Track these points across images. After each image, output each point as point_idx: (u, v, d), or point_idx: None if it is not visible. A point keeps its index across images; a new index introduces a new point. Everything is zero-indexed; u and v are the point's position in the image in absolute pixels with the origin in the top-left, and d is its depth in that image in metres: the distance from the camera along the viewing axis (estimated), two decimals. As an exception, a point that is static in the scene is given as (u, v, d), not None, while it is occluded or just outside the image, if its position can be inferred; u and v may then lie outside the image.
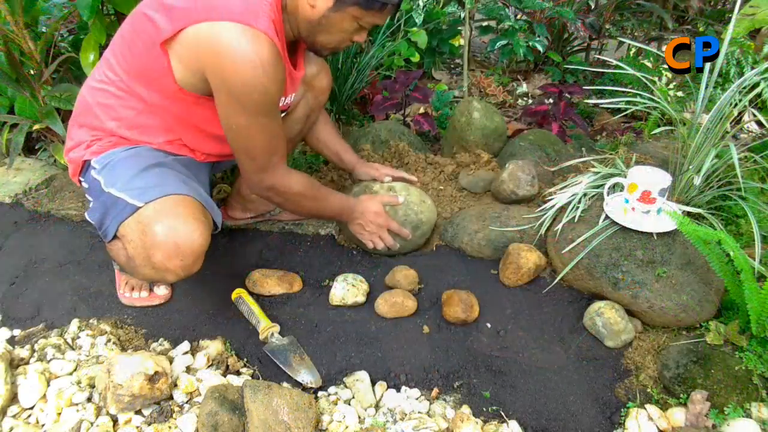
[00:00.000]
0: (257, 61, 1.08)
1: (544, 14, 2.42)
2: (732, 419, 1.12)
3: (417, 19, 2.23)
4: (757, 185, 1.50)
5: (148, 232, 1.13)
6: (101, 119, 1.26)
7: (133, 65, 1.20)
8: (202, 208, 1.22)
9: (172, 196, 1.17)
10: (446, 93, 2.37)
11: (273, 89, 1.14)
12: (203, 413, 1.08)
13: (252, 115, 1.17)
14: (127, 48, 1.20)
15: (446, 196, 1.81)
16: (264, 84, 1.11)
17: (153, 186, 1.18)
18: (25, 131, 1.86)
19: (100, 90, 1.26)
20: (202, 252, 1.18)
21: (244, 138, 1.21)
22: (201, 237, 1.16)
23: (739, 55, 1.80)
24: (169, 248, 1.13)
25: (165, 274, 1.17)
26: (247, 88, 1.11)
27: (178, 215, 1.14)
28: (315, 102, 1.55)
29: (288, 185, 1.33)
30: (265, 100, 1.15)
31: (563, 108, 2.09)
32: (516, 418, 1.18)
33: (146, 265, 1.17)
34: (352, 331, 1.38)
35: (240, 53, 1.07)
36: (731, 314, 1.35)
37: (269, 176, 1.30)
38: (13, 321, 1.40)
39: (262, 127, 1.20)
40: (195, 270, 1.20)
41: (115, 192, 1.19)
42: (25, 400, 1.17)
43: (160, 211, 1.15)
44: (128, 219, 1.17)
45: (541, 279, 1.53)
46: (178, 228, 1.13)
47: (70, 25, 2.45)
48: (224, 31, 1.07)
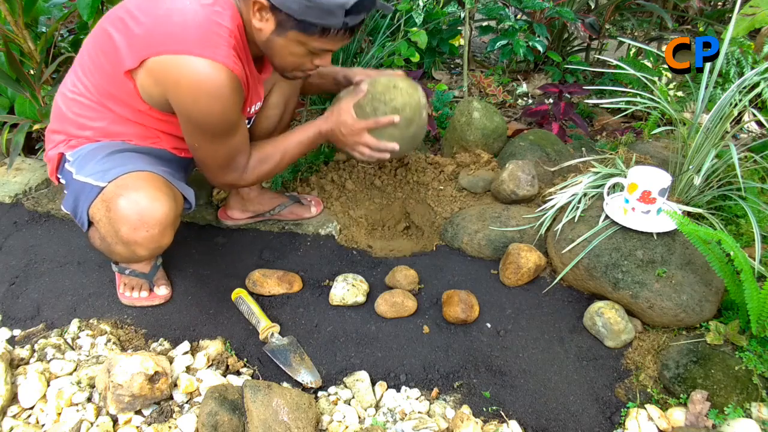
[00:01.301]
0: (214, 93, 1.11)
1: (544, 14, 2.42)
2: (732, 419, 1.12)
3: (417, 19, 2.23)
4: (757, 185, 1.50)
5: (112, 208, 1.16)
6: (76, 127, 1.28)
7: (101, 84, 1.21)
8: (165, 182, 1.23)
9: (134, 173, 1.19)
10: (446, 93, 2.37)
11: (231, 113, 1.18)
12: (203, 413, 1.08)
13: (212, 138, 1.21)
14: (95, 66, 1.21)
15: (446, 196, 1.81)
16: (222, 111, 1.15)
17: (116, 166, 1.20)
18: (25, 131, 1.85)
19: (72, 100, 1.27)
20: (168, 223, 1.19)
21: (204, 153, 1.26)
22: (164, 206, 1.17)
23: (739, 55, 1.80)
24: (133, 220, 1.15)
25: (135, 248, 1.19)
26: (205, 117, 1.15)
27: (138, 188, 1.16)
28: (289, 86, 1.51)
29: (246, 180, 1.34)
30: (223, 123, 1.18)
31: (563, 108, 2.09)
32: (516, 418, 1.18)
33: (116, 241, 1.19)
34: (352, 331, 1.38)
35: (199, 87, 1.10)
36: (731, 314, 1.35)
37: (228, 177, 1.32)
38: (13, 321, 1.40)
39: (220, 144, 1.24)
40: (165, 242, 1.21)
41: (81, 178, 1.22)
42: (25, 400, 1.17)
43: (122, 185, 1.17)
44: (95, 201, 1.19)
45: (541, 279, 1.53)
46: (140, 200, 1.15)
47: (70, 25, 2.45)
48: (183, 65, 1.09)
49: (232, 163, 1.30)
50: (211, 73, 1.09)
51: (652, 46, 2.74)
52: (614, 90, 2.19)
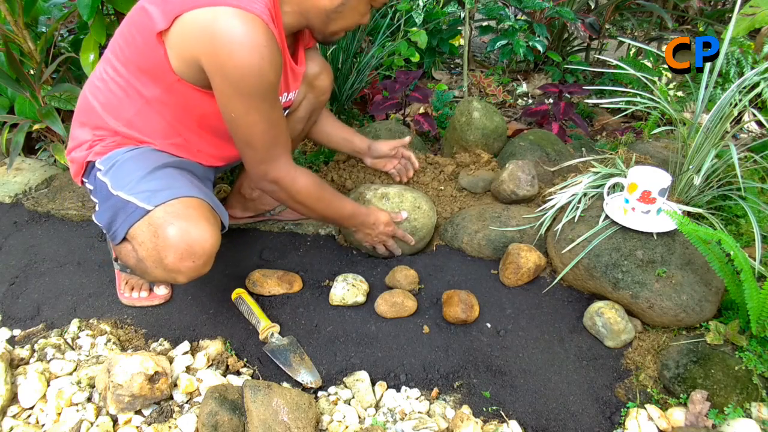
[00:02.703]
0: (252, 43, 1.06)
1: (544, 14, 2.42)
2: (732, 419, 1.12)
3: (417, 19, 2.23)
4: (757, 185, 1.50)
5: (161, 235, 1.14)
6: (103, 118, 1.26)
7: (132, 59, 1.19)
8: (211, 209, 1.22)
9: (183, 199, 1.18)
10: (446, 93, 2.37)
11: (270, 72, 1.12)
12: (203, 413, 1.08)
13: (249, 100, 1.14)
14: (126, 43, 1.19)
15: (446, 196, 1.81)
16: (260, 66, 1.09)
17: (162, 189, 1.18)
18: (25, 131, 1.86)
19: (100, 88, 1.25)
20: (214, 253, 1.18)
21: (244, 126, 1.19)
22: (212, 238, 1.16)
23: (739, 55, 1.80)
24: (182, 250, 1.13)
25: (176, 276, 1.18)
26: (243, 70, 1.09)
27: (189, 217, 1.15)
28: (317, 102, 1.55)
29: (292, 179, 1.30)
30: (261, 82, 1.12)
31: (563, 108, 2.09)
32: (516, 418, 1.18)
33: (158, 266, 1.17)
34: (352, 331, 1.38)
35: (234, 36, 1.05)
36: (731, 314, 1.35)
37: (272, 168, 1.27)
38: (13, 321, 1.40)
39: (260, 113, 1.17)
40: (205, 271, 1.20)
41: (124, 195, 1.19)
42: (25, 400, 1.17)
43: (172, 213, 1.15)
44: (139, 222, 1.17)
45: (541, 279, 1.53)
46: (191, 230, 1.14)
47: (70, 25, 2.45)
48: (218, 15, 1.05)
49: (274, 150, 1.24)
50: (249, 23, 1.06)
51: (652, 46, 2.75)
52: (614, 90, 2.19)
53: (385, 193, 1.59)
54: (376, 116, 2.25)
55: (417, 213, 1.58)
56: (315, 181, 1.36)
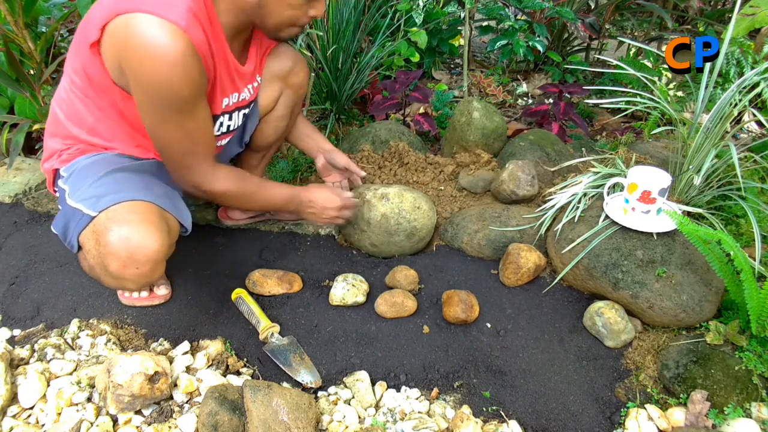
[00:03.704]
0: (162, 56, 1.02)
1: (544, 14, 2.42)
2: (732, 419, 1.12)
3: (417, 19, 2.23)
4: (757, 185, 1.50)
5: (101, 242, 1.11)
6: (67, 127, 1.26)
7: (82, 69, 1.17)
8: (160, 212, 1.18)
9: (126, 203, 1.14)
10: (446, 93, 2.37)
11: (182, 87, 1.07)
12: (203, 413, 1.08)
13: (161, 111, 1.11)
14: (75, 53, 1.18)
15: (446, 196, 1.81)
16: (169, 80, 1.05)
17: (107, 194, 1.15)
18: (25, 131, 1.85)
19: (64, 99, 1.25)
20: (159, 258, 1.14)
21: (158, 134, 1.17)
22: (155, 243, 1.12)
23: (739, 55, 1.80)
24: (123, 257, 1.10)
25: (124, 282, 1.16)
26: (153, 83, 1.05)
27: (130, 222, 1.11)
28: (295, 97, 1.53)
29: (210, 184, 1.27)
30: (171, 96, 1.08)
31: (563, 108, 2.09)
32: (516, 418, 1.18)
33: (105, 274, 1.15)
34: (352, 331, 1.38)
35: (145, 46, 1.01)
36: (731, 314, 1.35)
37: (189, 174, 1.24)
38: (13, 321, 1.40)
39: (173, 124, 1.14)
40: (155, 277, 1.17)
41: (73, 203, 1.18)
42: (25, 400, 1.17)
43: (113, 218, 1.11)
44: (85, 229, 1.15)
45: (541, 279, 1.53)
46: (131, 236, 1.10)
47: (70, 25, 2.44)
48: (131, 23, 1.02)
49: (190, 158, 1.21)
50: (162, 33, 1.01)
51: (652, 46, 2.75)
52: (614, 90, 2.19)
53: (384, 193, 1.58)
54: (376, 116, 2.25)
55: (417, 213, 1.58)
56: (235, 180, 1.31)
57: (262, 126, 1.53)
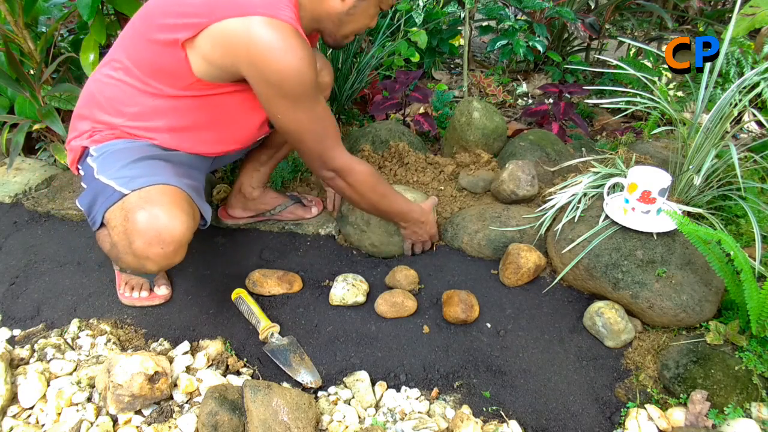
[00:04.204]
0: (287, 47, 1.12)
1: (544, 14, 2.42)
2: (732, 419, 1.12)
3: (417, 19, 2.23)
4: (757, 185, 1.50)
5: (131, 218, 1.14)
6: (107, 113, 1.27)
7: (145, 60, 1.22)
8: (188, 199, 1.22)
9: (159, 186, 1.18)
10: (446, 93, 2.37)
11: (307, 72, 1.17)
12: (203, 413, 1.08)
13: (293, 101, 1.20)
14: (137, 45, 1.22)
15: (446, 196, 1.81)
16: (298, 67, 1.14)
17: (142, 176, 1.19)
18: (25, 131, 1.85)
19: (108, 84, 1.27)
20: (184, 242, 1.17)
21: (292, 125, 1.24)
22: (182, 226, 1.15)
23: (739, 55, 1.80)
24: (150, 235, 1.13)
25: (145, 262, 1.17)
26: (282, 74, 1.14)
27: (161, 203, 1.15)
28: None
29: (350, 168, 1.35)
30: (302, 82, 1.17)
31: (563, 108, 2.09)
32: (516, 418, 1.18)
33: (128, 252, 1.17)
34: (352, 331, 1.38)
35: (270, 43, 1.11)
36: (731, 314, 1.35)
37: (329, 159, 1.32)
38: (13, 321, 1.41)
39: (305, 111, 1.22)
40: (176, 260, 1.19)
41: (104, 179, 1.21)
42: (25, 400, 1.17)
43: (145, 198, 1.15)
44: (114, 206, 1.18)
45: (541, 279, 1.53)
46: (160, 215, 1.13)
47: (70, 25, 2.45)
48: (251, 24, 1.11)
49: (327, 140, 1.29)
50: (281, 29, 1.12)
51: (652, 46, 2.75)
52: (614, 90, 2.19)
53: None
54: (376, 116, 2.25)
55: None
56: (372, 172, 1.40)
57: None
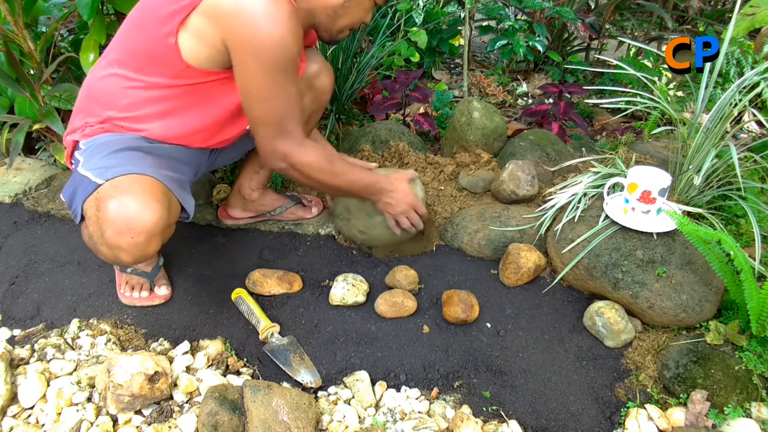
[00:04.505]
0: (275, 16, 1.11)
1: (544, 14, 2.42)
2: (732, 419, 1.12)
3: (417, 19, 2.23)
4: (757, 185, 1.50)
5: (102, 208, 1.13)
6: (101, 107, 1.28)
7: (142, 47, 1.21)
8: (165, 190, 1.20)
9: (132, 175, 1.16)
10: (446, 93, 2.37)
11: (292, 45, 1.15)
12: (203, 413, 1.08)
13: (272, 73, 1.16)
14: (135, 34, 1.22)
15: (446, 196, 1.81)
16: (283, 37, 1.12)
17: (117, 165, 1.18)
18: (25, 131, 1.85)
19: (103, 78, 1.27)
20: (156, 232, 1.15)
21: (262, 100, 1.20)
22: (154, 215, 1.13)
23: (739, 55, 1.80)
24: (119, 224, 1.11)
25: (118, 252, 1.15)
26: (267, 42, 1.12)
27: (132, 192, 1.13)
28: (317, 102, 1.53)
29: (301, 153, 1.29)
30: (284, 54, 1.15)
31: (563, 108, 2.09)
32: (516, 418, 1.18)
33: (102, 242, 1.16)
34: (352, 331, 1.38)
35: (259, 10, 1.10)
36: (731, 314, 1.35)
37: (282, 143, 1.27)
38: (13, 321, 1.40)
39: (279, 87, 1.19)
40: (150, 251, 1.17)
41: (83, 171, 1.20)
42: (25, 400, 1.17)
43: (117, 187, 1.14)
44: (90, 197, 1.17)
45: (541, 279, 1.53)
46: (130, 204, 1.11)
47: (70, 25, 2.45)
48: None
49: (287, 125, 1.25)
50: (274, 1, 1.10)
51: (652, 46, 2.75)
52: (614, 90, 2.19)
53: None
54: (376, 116, 2.25)
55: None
56: (325, 153, 1.33)
57: None
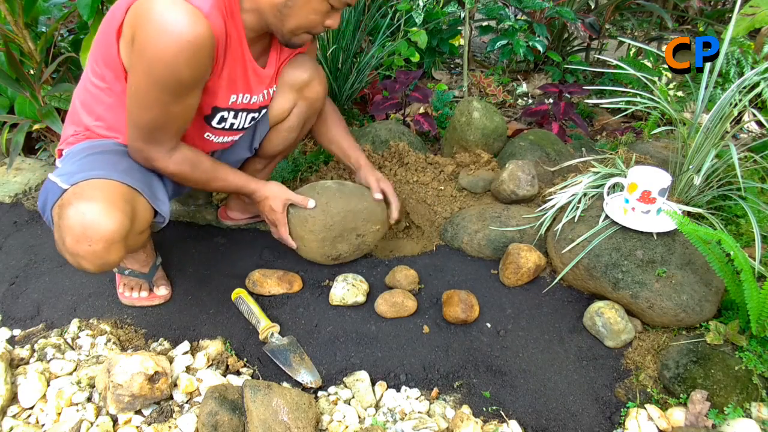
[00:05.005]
0: (175, 35, 1.05)
1: (544, 14, 2.42)
2: (732, 419, 1.12)
3: (417, 19, 2.23)
4: (757, 185, 1.50)
5: (62, 215, 1.11)
6: (81, 115, 1.28)
7: (102, 56, 1.19)
8: (129, 194, 1.16)
9: (95, 180, 1.14)
10: (446, 93, 2.37)
11: (183, 70, 1.09)
12: (203, 413, 1.08)
13: (154, 87, 1.12)
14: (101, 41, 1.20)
15: (446, 196, 1.81)
16: (174, 60, 1.07)
17: (82, 170, 1.16)
18: (24, 131, 1.85)
19: (81, 87, 1.28)
20: (114, 240, 1.10)
21: (137, 104, 1.16)
22: (111, 223, 1.08)
23: (739, 55, 1.80)
24: (77, 232, 1.08)
25: (79, 260, 1.12)
26: (156, 58, 1.07)
27: (91, 198, 1.10)
28: (310, 110, 1.50)
29: (164, 164, 1.26)
30: (170, 76, 1.10)
31: (563, 108, 2.09)
32: (516, 418, 1.18)
33: (64, 250, 1.13)
34: (352, 331, 1.38)
35: (161, 23, 1.04)
36: (731, 314, 1.35)
37: (147, 149, 1.23)
38: (13, 321, 1.40)
39: (159, 102, 1.14)
40: (112, 259, 1.12)
41: (52, 177, 1.18)
42: (25, 400, 1.17)
43: (77, 193, 1.11)
44: (56, 203, 1.15)
45: (541, 279, 1.53)
46: (86, 212, 1.08)
47: (70, 25, 2.45)
48: (156, 2, 1.05)
49: (158, 135, 1.21)
50: (183, 14, 1.04)
51: (652, 46, 2.75)
52: (614, 90, 2.19)
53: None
54: (376, 116, 2.25)
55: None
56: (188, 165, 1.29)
57: (271, 135, 1.52)
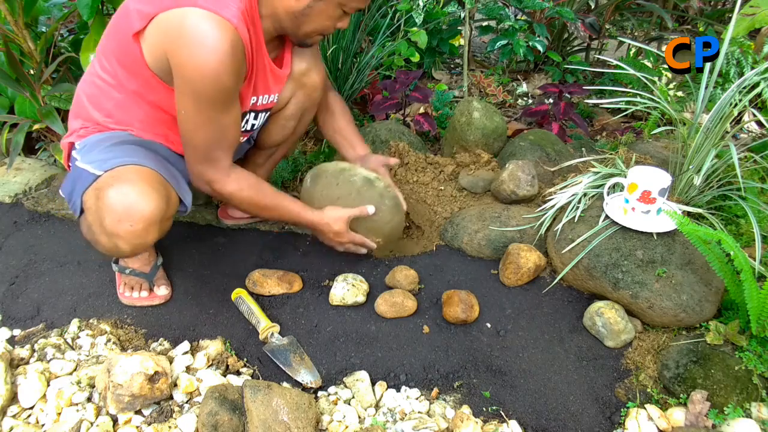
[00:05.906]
0: (213, 47, 1.09)
1: (544, 14, 2.42)
2: (732, 419, 1.12)
3: (417, 19, 2.23)
4: (757, 185, 1.50)
5: (101, 197, 1.14)
6: (88, 110, 1.30)
7: (114, 54, 1.22)
8: (161, 180, 1.22)
9: (131, 166, 1.19)
10: (446, 93, 2.37)
11: (226, 79, 1.14)
12: (203, 413, 1.08)
13: (201, 102, 1.17)
14: (112, 37, 1.23)
15: (446, 196, 1.81)
16: (216, 71, 1.11)
17: (116, 157, 1.20)
18: (24, 131, 1.85)
19: (88, 82, 1.30)
20: (154, 221, 1.16)
21: (191, 124, 1.21)
22: (152, 203, 1.15)
23: (739, 55, 1.80)
24: (119, 212, 1.13)
25: (117, 241, 1.16)
26: (199, 72, 1.11)
27: (131, 180, 1.15)
28: (308, 99, 1.51)
29: (224, 183, 1.30)
30: (215, 87, 1.14)
31: (563, 108, 2.09)
32: (516, 418, 1.18)
33: (101, 231, 1.17)
34: (352, 331, 1.38)
35: (197, 37, 1.08)
36: (731, 314, 1.35)
37: (207, 170, 1.28)
38: (13, 321, 1.40)
39: (208, 116, 1.19)
40: (149, 240, 1.18)
41: (81, 164, 1.22)
42: (25, 400, 1.17)
43: (116, 176, 1.16)
44: (89, 187, 1.19)
45: (541, 279, 1.53)
46: (129, 192, 1.13)
47: (70, 25, 2.45)
48: (187, 15, 1.09)
49: (215, 152, 1.26)
50: (216, 26, 1.09)
51: (652, 46, 2.75)
52: (614, 90, 2.19)
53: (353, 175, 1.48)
54: (376, 116, 2.25)
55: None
56: (248, 187, 1.33)
57: (269, 124, 1.54)
